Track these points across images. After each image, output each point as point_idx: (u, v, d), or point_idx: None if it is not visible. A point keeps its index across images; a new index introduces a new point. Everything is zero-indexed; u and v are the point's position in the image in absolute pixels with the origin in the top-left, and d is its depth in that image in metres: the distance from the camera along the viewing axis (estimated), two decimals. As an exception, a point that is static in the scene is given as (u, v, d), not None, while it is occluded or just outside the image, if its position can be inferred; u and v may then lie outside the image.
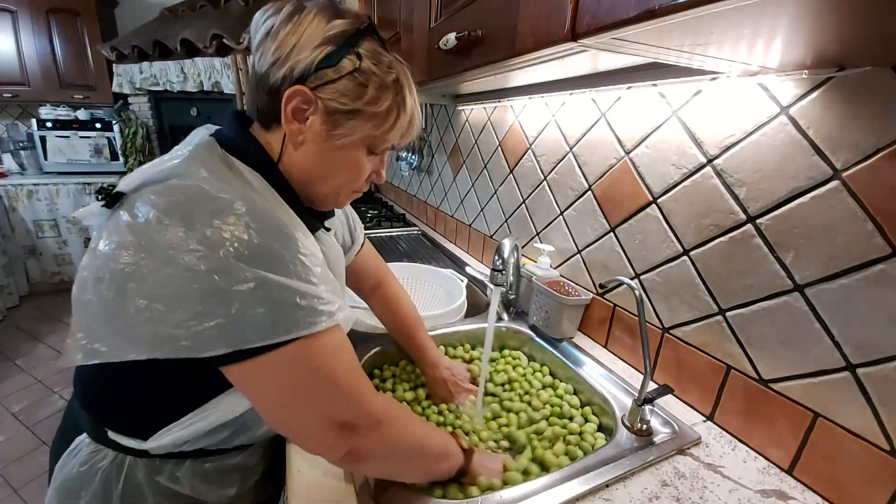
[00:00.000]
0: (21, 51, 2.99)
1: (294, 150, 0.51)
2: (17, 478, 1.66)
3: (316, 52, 0.47)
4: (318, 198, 0.56)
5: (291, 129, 0.49)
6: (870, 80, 0.48)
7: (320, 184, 0.54)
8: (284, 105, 0.48)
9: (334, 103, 0.48)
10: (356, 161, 0.53)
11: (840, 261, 0.52)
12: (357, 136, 0.51)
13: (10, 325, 2.78)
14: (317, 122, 0.49)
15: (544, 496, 0.53)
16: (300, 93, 0.47)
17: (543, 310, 0.93)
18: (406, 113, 0.53)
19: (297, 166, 0.52)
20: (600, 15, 0.40)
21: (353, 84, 0.48)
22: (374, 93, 0.49)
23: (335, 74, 0.47)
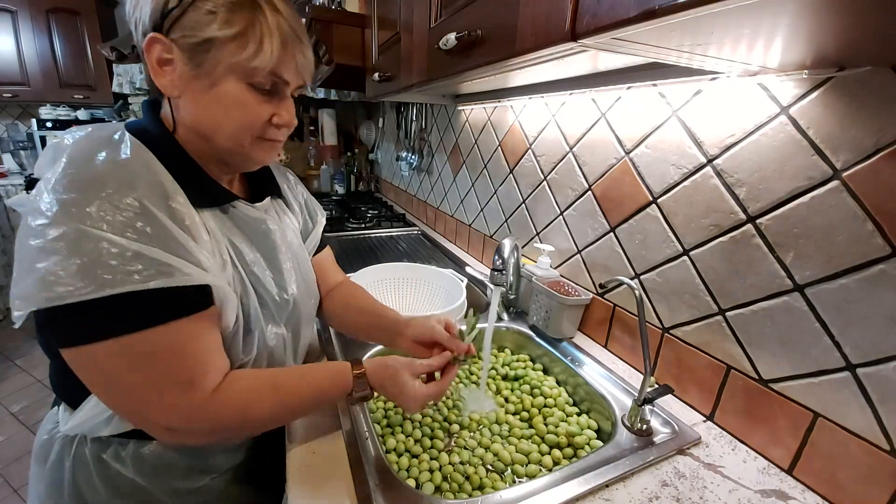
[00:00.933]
0: (21, 51, 2.99)
1: (179, 108, 0.51)
2: (17, 478, 1.66)
3: None
4: (226, 154, 0.54)
5: (163, 83, 0.48)
6: (870, 80, 0.48)
7: (215, 136, 0.51)
8: (147, 59, 0.47)
9: (187, 40, 0.47)
10: (236, 97, 0.49)
11: (840, 261, 0.52)
12: (221, 67, 0.47)
13: (10, 324, 2.77)
14: (181, 66, 0.48)
15: (544, 496, 0.53)
16: (155, 40, 0.47)
17: (543, 310, 0.93)
18: (272, 34, 0.48)
19: (188, 125, 0.51)
20: (600, 15, 0.40)
21: (200, 13, 0.46)
22: (224, 15, 0.46)
23: (180, 11, 0.46)
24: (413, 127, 2.00)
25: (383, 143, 2.68)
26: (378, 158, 2.82)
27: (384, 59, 1.26)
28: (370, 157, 2.85)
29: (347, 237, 1.73)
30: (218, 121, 0.51)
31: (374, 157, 2.83)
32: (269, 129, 0.53)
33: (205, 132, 0.52)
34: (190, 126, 0.51)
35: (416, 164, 1.99)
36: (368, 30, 1.48)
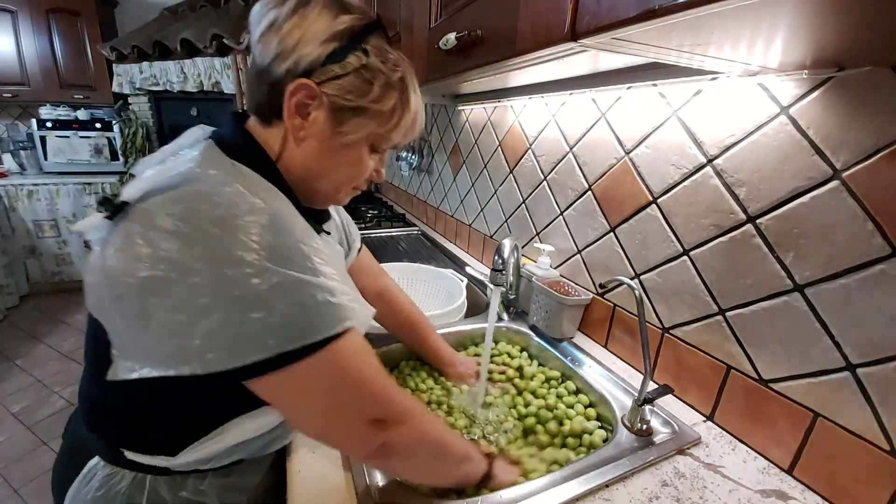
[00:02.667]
0: (21, 51, 2.99)
1: (296, 146, 0.50)
2: (17, 478, 1.66)
3: (322, 48, 0.46)
4: (318, 195, 0.55)
5: (294, 123, 0.48)
6: (870, 80, 0.48)
7: (320, 180, 0.53)
8: (288, 99, 0.47)
9: (340, 99, 0.47)
10: (359, 159, 0.52)
11: (840, 261, 0.52)
12: (361, 133, 0.50)
13: (10, 325, 2.78)
14: (321, 118, 0.48)
15: (544, 496, 0.54)
16: (305, 87, 0.46)
17: (543, 310, 0.93)
18: (410, 112, 0.52)
19: (297, 163, 0.51)
20: (600, 15, 0.40)
21: (359, 81, 0.47)
22: (379, 90, 0.48)
23: (341, 70, 0.47)
24: (413, 127, 2.00)
25: (383, 143, 2.68)
26: (378, 158, 2.81)
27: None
28: (370, 157, 2.85)
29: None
30: (332, 170, 0.52)
31: (374, 157, 2.83)
32: (364, 182, 0.57)
33: (312, 175, 0.52)
34: (299, 163, 0.51)
35: (416, 164, 1.99)
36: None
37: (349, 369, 0.44)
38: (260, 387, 0.42)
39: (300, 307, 0.40)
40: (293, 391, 0.43)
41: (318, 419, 0.46)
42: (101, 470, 0.51)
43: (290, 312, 0.39)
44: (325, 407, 0.45)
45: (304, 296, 0.40)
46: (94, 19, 3.08)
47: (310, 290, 0.40)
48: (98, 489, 0.50)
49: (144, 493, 0.50)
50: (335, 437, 0.48)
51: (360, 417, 0.46)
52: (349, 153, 0.51)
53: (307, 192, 0.54)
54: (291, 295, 0.39)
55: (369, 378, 0.46)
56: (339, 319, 0.42)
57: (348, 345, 0.43)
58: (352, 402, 0.45)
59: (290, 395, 0.43)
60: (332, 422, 0.46)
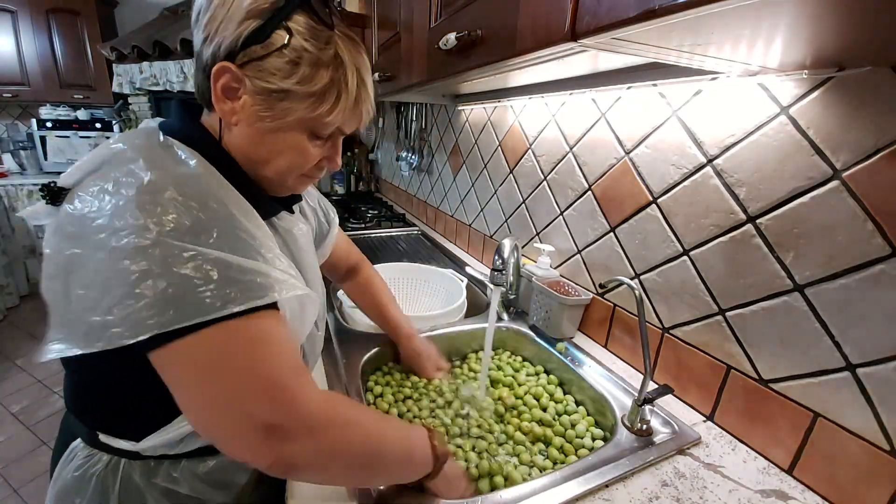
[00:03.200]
0: (21, 51, 2.99)
1: (229, 131, 0.49)
2: (17, 478, 1.66)
3: (242, 27, 0.44)
4: (266, 181, 0.53)
5: (223, 108, 0.47)
6: (870, 80, 0.48)
7: (262, 167, 0.51)
8: (213, 83, 0.45)
9: (262, 82, 0.45)
10: (297, 145, 0.49)
11: (840, 261, 0.52)
12: (291, 118, 0.47)
13: (10, 325, 2.78)
14: (248, 102, 0.46)
15: (544, 496, 0.53)
16: (226, 70, 0.44)
17: (543, 310, 0.93)
18: (348, 93, 0.48)
19: (236, 147, 0.49)
20: (600, 15, 0.40)
21: (283, 62, 0.44)
22: (307, 71, 0.45)
23: (263, 51, 0.44)
24: (413, 127, 2.00)
25: (383, 143, 2.68)
26: (378, 158, 2.82)
27: (384, 59, 1.26)
28: (370, 157, 2.85)
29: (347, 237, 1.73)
30: (270, 157, 0.50)
31: (374, 157, 2.83)
32: (313, 169, 0.54)
33: (252, 160, 0.50)
34: (237, 147, 0.49)
35: (416, 164, 1.99)
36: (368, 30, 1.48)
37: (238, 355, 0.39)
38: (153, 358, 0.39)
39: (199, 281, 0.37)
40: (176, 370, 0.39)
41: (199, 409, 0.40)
42: (80, 451, 0.53)
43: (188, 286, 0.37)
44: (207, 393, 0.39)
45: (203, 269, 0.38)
46: (94, 19, 3.09)
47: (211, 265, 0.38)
48: (76, 469, 0.52)
49: (118, 478, 0.51)
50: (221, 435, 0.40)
51: (248, 417, 0.38)
52: (284, 139, 0.49)
53: (257, 178, 0.52)
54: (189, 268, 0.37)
55: (264, 371, 0.39)
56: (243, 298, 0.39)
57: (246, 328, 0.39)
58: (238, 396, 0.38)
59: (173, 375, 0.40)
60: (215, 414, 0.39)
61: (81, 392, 0.52)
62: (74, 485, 0.52)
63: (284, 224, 0.59)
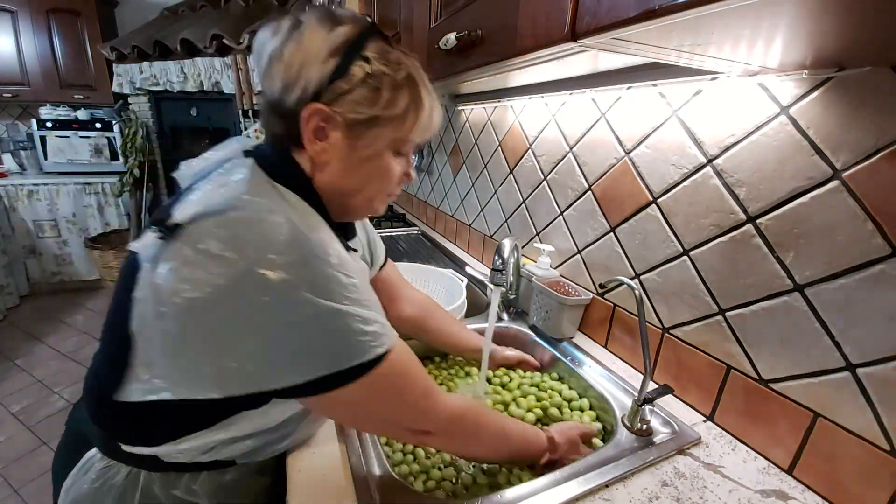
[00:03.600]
0: (21, 51, 2.99)
1: (322, 169, 0.50)
2: (17, 478, 1.66)
3: (324, 66, 0.46)
4: (353, 209, 0.55)
5: (315, 149, 0.48)
6: (870, 80, 0.48)
7: (353, 196, 0.53)
8: (304, 126, 0.47)
9: (352, 115, 0.47)
10: (385, 167, 0.52)
11: (840, 261, 0.52)
12: (382, 142, 0.50)
13: (10, 325, 2.77)
14: (339, 137, 0.48)
15: (544, 496, 0.53)
16: (317, 111, 0.46)
17: (543, 310, 0.93)
18: (424, 108, 0.51)
19: (328, 183, 0.51)
20: (600, 15, 0.40)
21: (368, 90, 0.47)
22: (389, 95, 0.48)
23: (348, 85, 0.46)
24: (413, 127, 2.00)
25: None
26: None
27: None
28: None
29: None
30: (362, 185, 0.53)
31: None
32: (396, 186, 0.56)
33: (346, 192, 0.52)
34: (328, 184, 0.51)
35: (416, 164, 1.99)
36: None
37: (386, 392, 0.47)
38: (315, 403, 0.47)
39: (335, 336, 0.41)
40: (334, 409, 0.48)
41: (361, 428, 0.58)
42: (98, 462, 0.52)
43: (326, 340, 0.41)
44: (366, 422, 0.52)
45: (339, 325, 0.41)
46: (94, 19, 3.08)
47: (345, 319, 0.42)
48: (94, 481, 0.51)
49: (138, 489, 0.51)
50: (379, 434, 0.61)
51: (403, 429, 0.51)
52: (375, 164, 0.51)
53: (342, 208, 0.54)
54: (327, 324, 0.41)
55: (408, 398, 0.49)
56: (373, 346, 0.43)
57: (384, 370, 0.45)
58: (391, 420, 0.51)
59: (331, 411, 0.50)
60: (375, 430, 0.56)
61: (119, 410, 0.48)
62: (91, 496, 0.51)
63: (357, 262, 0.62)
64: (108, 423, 0.51)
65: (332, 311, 0.41)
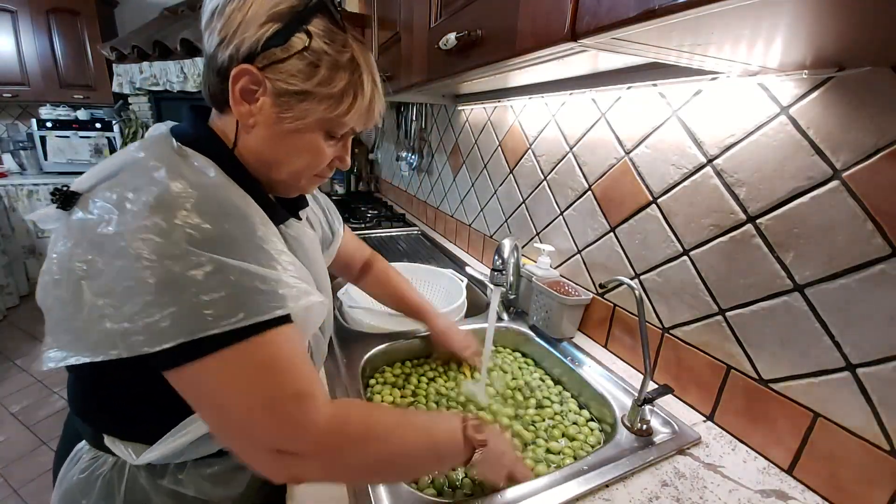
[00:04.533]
0: (21, 51, 2.99)
1: (246, 133, 0.49)
2: (17, 478, 1.66)
3: (263, 30, 0.44)
4: (278, 184, 0.54)
5: (241, 111, 0.47)
6: (870, 80, 0.48)
7: (277, 169, 0.51)
8: (232, 85, 0.46)
9: (283, 84, 0.46)
10: (313, 146, 0.51)
11: (840, 261, 0.52)
12: (310, 119, 0.48)
13: (10, 325, 2.77)
14: (267, 104, 0.47)
15: (544, 496, 0.53)
16: (247, 72, 0.45)
17: (543, 310, 0.93)
18: (364, 95, 0.50)
19: (252, 151, 0.50)
20: (600, 15, 0.40)
21: (303, 64, 0.46)
22: (326, 73, 0.47)
23: (283, 53, 0.45)
24: (413, 127, 2.00)
25: (383, 143, 2.68)
26: (378, 158, 2.82)
27: (384, 59, 1.26)
28: (370, 157, 2.85)
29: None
30: (287, 158, 0.51)
31: (374, 157, 2.83)
32: (326, 169, 0.55)
33: (268, 162, 0.51)
34: (253, 151, 0.50)
35: (416, 164, 1.99)
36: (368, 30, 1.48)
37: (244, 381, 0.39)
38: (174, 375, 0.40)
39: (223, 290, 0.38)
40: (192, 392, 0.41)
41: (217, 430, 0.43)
42: (86, 453, 0.53)
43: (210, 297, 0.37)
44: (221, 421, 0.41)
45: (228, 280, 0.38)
46: (94, 19, 3.09)
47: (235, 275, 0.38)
48: (82, 472, 0.52)
49: (124, 479, 0.51)
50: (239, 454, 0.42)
51: (257, 444, 0.40)
52: (301, 139, 0.50)
53: (269, 182, 0.53)
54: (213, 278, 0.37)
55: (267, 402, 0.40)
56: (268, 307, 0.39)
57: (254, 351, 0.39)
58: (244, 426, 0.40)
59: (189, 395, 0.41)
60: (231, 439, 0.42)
61: (86, 395, 0.52)
62: (80, 486, 0.52)
63: (292, 231, 0.59)
64: (87, 415, 0.53)
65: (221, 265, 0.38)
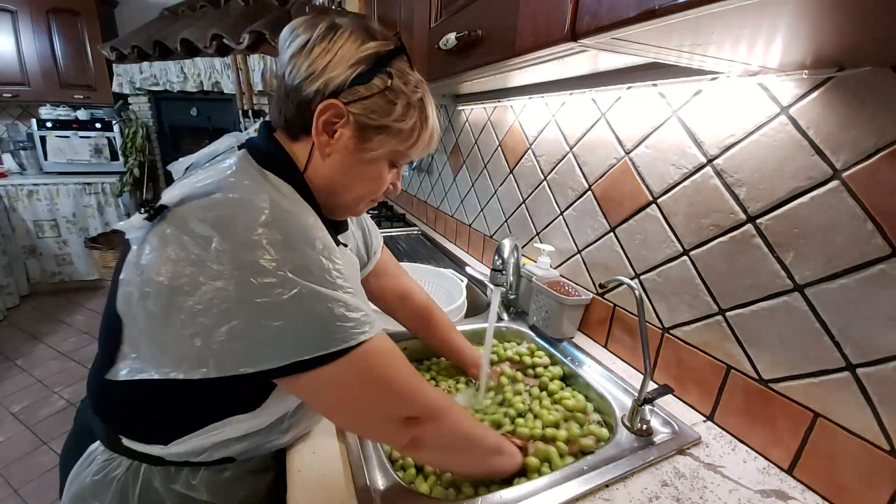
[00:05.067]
0: (21, 51, 2.99)
1: (321, 160, 0.52)
2: (17, 478, 1.66)
3: (350, 70, 0.49)
4: (338, 207, 0.57)
5: (321, 140, 0.51)
6: (870, 80, 0.48)
7: (342, 194, 0.55)
8: (317, 117, 0.49)
9: (364, 118, 0.50)
10: (379, 174, 0.55)
11: (840, 261, 0.52)
12: (384, 150, 0.53)
13: (10, 325, 2.77)
14: (346, 135, 0.51)
15: (544, 496, 0.53)
16: (333, 106, 0.49)
17: (543, 310, 0.93)
18: (427, 130, 0.55)
19: (322, 177, 0.53)
20: (600, 15, 0.40)
21: (383, 101, 0.50)
22: (401, 110, 0.51)
23: (367, 91, 0.49)
24: (413, 127, 2.00)
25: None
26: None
27: (384, 59, 1.26)
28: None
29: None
30: (354, 184, 0.55)
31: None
32: (382, 194, 0.59)
33: (335, 188, 0.54)
34: (323, 176, 0.53)
35: (416, 164, 1.99)
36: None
37: (372, 376, 0.46)
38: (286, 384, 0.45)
39: (317, 318, 0.41)
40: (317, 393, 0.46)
41: (346, 418, 0.51)
42: (100, 454, 0.53)
43: (308, 322, 0.41)
44: (352, 409, 0.49)
45: (322, 307, 0.41)
46: (94, 19, 3.08)
47: (328, 303, 0.42)
48: (96, 473, 0.53)
49: (138, 483, 0.52)
50: (365, 432, 0.55)
51: (389, 417, 0.49)
52: (371, 168, 0.54)
53: (329, 205, 0.56)
54: (310, 306, 0.41)
55: (396, 381, 0.49)
56: (356, 331, 0.44)
57: (369, 353, 0.45)
58: (378, 405, 0.49)
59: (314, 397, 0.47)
60: (361, 421, 0.51)
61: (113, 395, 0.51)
62: (93, 488, 0.52)
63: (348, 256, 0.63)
64: (107, 414, 0.52)
65: (314, 293, 0.41)
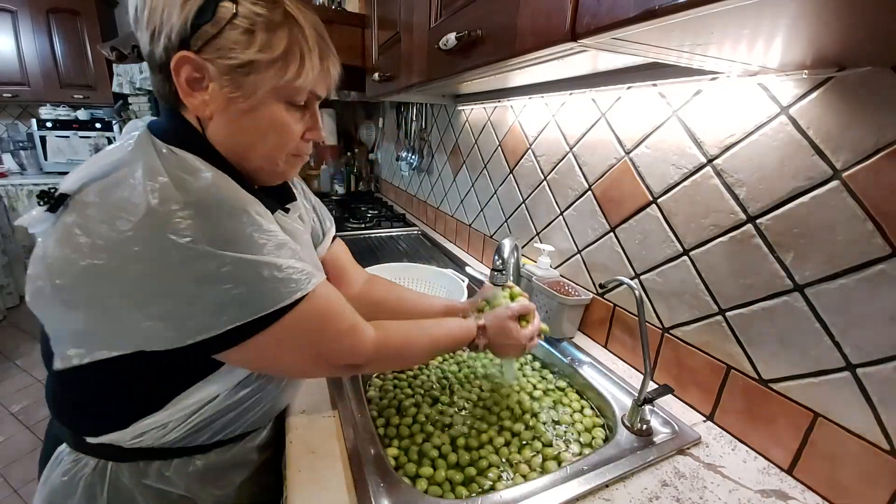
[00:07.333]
0: (21, 51, 2.99)
1: (207, 126, 0.47)
2: (17, 478, 1.66)
3: (186, 9, 0.42)
4: (257, 173, 0.51)
5: (194, 103, 0.45)
6: (870, 80, 0.48)
7: (249, 156, 0.49)
8: (176, 78, 0.43)
9: (224, 60, 0.43)
10: (276, 120, 0.48)
11: (840, 261, 0.52)
12: (262, 91, 0.45)
13: (10, 325, 2.78)
14: (216, 88, 0.44)
15: (544, 496, 0.53)
16: (186, 59, 0.42)
17: (543, 310, 0.93)
18: (311, 51, 0.47)
19: (220, 143, 0.47)
20: (600, 15, 0.40)
21: (238, 33, 0.43)
22: (264, 36, 0.44)
23: (214, 29, 0.42)
24: (413, 127, 2.00)
25: (383, 143, 2.68)
26: (378, 158, 2.82)
27: (384, 59, 1.26)
28: (370, 157, 2.85)
29: (347, 237, 1.73)
30: (254, 141, 0.49)
31: (374, 157, 2.83)
32: (301, 144, 0.53)
33: (238, 151, 0.49)
34: (221, 143, 0.48)
35: (416, 164, 1.99)
36: (368, 30, 1.48)
37: (307, 332, 0.47)
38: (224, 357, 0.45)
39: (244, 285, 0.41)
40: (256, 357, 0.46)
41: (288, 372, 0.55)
42: (67, 456, 0.52)
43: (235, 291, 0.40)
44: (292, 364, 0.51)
45: (247, 274, 0.41)
46: (94, 19, 3.08)
47: (255, 269, 0.41)
48: (64, 474, 0.52)
49: (106, 481, 0.51)
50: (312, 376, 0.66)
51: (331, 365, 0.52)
52: (262, 117, 0.47)
53: (246, 172, 0.51)
54: (234, 275, 0.40)
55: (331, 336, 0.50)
56: (287, 292, 0.43)
57: (303, 312, 0.45)
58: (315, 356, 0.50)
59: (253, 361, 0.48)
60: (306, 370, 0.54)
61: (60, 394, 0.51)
62: (62, 489, 0.51)
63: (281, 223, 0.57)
64: (64, 412, 0.52)
65: (236, 261, 0.40)
